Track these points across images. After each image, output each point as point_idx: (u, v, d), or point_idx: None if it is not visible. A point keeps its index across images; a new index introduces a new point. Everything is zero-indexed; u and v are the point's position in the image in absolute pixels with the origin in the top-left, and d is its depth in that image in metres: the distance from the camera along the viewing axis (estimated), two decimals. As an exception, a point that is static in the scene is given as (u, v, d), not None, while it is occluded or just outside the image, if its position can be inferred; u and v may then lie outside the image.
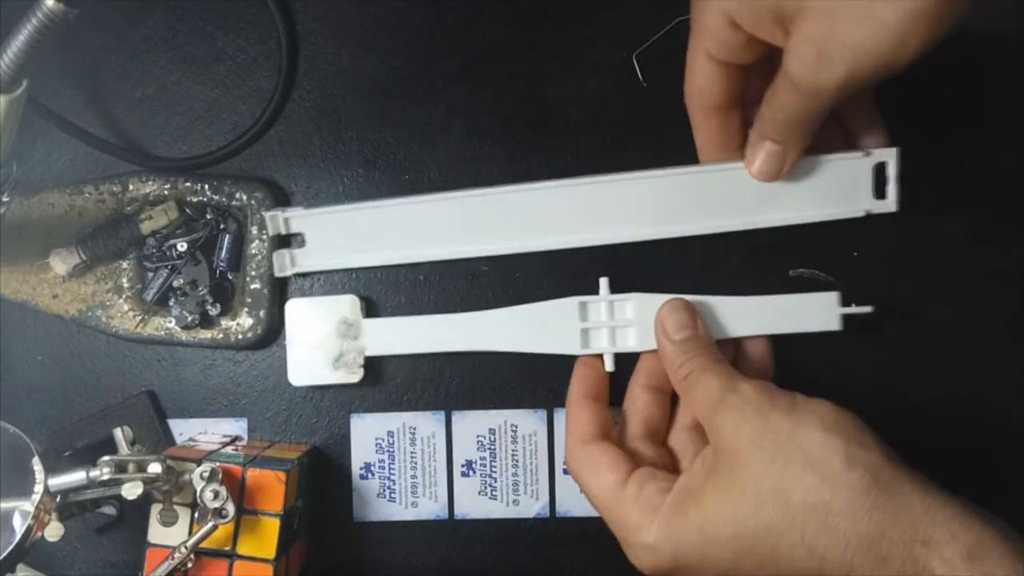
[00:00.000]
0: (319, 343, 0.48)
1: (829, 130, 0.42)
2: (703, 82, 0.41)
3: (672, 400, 0.44)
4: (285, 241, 0.48)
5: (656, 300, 0.45)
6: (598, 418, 0.43)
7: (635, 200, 0.46)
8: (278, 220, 0.47)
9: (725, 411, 0.38)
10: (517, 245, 0.47)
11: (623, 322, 0.46)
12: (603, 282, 0.46)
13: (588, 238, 0.46)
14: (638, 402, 0.44)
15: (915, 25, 0.33)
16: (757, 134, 0.41)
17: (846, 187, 0.44)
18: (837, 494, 0.34)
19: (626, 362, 0.46)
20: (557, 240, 0.47)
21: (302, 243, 0.48)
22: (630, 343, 0.46)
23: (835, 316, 0.45)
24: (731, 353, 0.45)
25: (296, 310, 0.48)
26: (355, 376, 0.48)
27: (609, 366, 0.46)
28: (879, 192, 0.44)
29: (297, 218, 0.47)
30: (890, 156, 0.44)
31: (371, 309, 0.49)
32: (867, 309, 0.45)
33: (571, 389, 0.44)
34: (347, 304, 0.48)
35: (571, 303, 0.46)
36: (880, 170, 0.44)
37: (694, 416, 0.43)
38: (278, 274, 0.48)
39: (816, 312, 0.45)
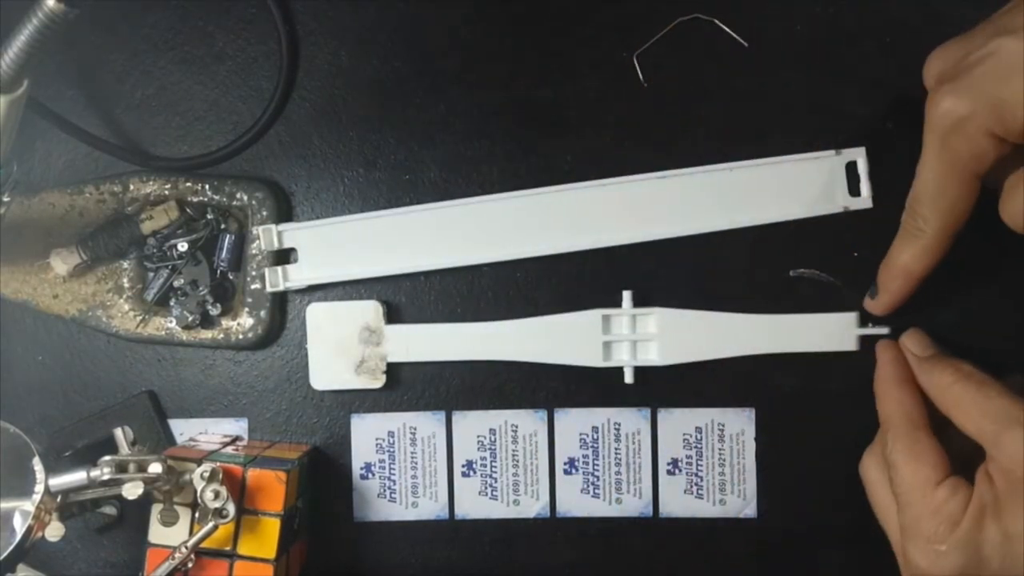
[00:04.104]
0: (341, 348, 0.48)
1: None
2: (957, 204, 0.39)
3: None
4: (284, 254, 0.48)
5: (678, 315, 0.46)
6: (921, 404, 0.42)
7: (622, 204, 0.46)
8: (271, 234, 0.47)
9: (1016, 433, 0.37)
10: (514, 252, 0.47)
11: (645, 336, 0.46)
12: (626, 295, 0.47)
13: (578, 242, 0.47)
14: (907, 402, 0.42)
15: None
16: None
17: (825, 186, 0.46)
18: None
19: (644, 376, 0.47)
20: (550, 246, 0.47)
21: (296, 259, 0.48)
22: (651, 357, 0.46)
23: (852, 336, 0.46)
24: None
25: (317, 314, 0.48)
26: (378, 382, 0.48)
27: (629, 379, 0.46)
28: (854, 190, 0.45)
29: (290, 232, 0.48)
30: (859, 155, 0.45)
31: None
32: (884, 330, 0.45)
33: (885, 371, 0.43)
34: (370, 310, 0.48)
35: (594, 315, 0.46)
36: (853, 168, 0.45)
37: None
38: (270, 290, 0.47)
39: (834, 332, 0.46)
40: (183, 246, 0.48)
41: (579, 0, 0.48)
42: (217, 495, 0.42)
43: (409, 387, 0.49)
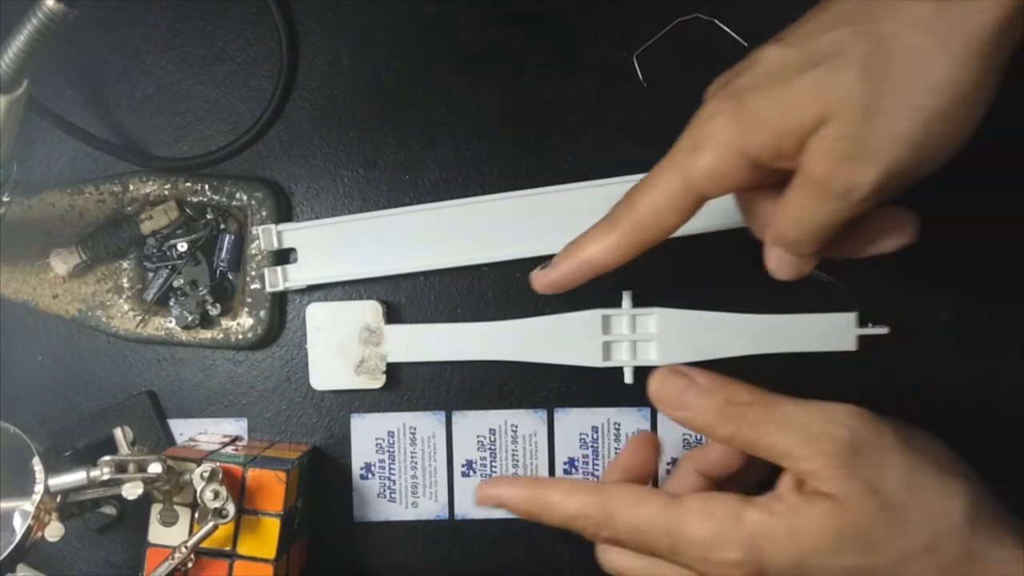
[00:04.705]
0: (341, 348, 0.48)
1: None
2: (665, 215, 0.35)
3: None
4: (283, 254, 0.48)
5: (678, 315, 0.46)
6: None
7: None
8: (271, 234, 0.47)
9: (822, 456, 0.33)
10: (514, 252, 0.47)
11: (645, 336, 0.46)
12: (626, 295, 0.47)
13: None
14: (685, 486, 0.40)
15: (965, 109, 0.30)
16: (771, 239, 0.37)
17: None
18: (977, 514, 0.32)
19: (643, 376, 0.46)
20: (550, 246, 0.46)
21: (295, 259, 0.48)
22: (651, 357, 0.46)
23: (852, 336, 0.46)
24: None
25: (317, 314, 0.48)
26: (377, 382, 0.48)
27: (628, 379, 0.46)
28: None
29: (289, 232, 0.48)
30: None
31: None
32: (883, 330, 0.45)
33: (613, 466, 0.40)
34: (370, 310, 0.48)
35: (594, 315, 0.47)
36: None
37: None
38: (270, 290, 0.48)
39: (833, 332, 0.46)
40: (183, 246, 0.48)
41: (579, 0, 0.48)
42: (217, 495, 0.42)
43: (409, 387, 0.49)
